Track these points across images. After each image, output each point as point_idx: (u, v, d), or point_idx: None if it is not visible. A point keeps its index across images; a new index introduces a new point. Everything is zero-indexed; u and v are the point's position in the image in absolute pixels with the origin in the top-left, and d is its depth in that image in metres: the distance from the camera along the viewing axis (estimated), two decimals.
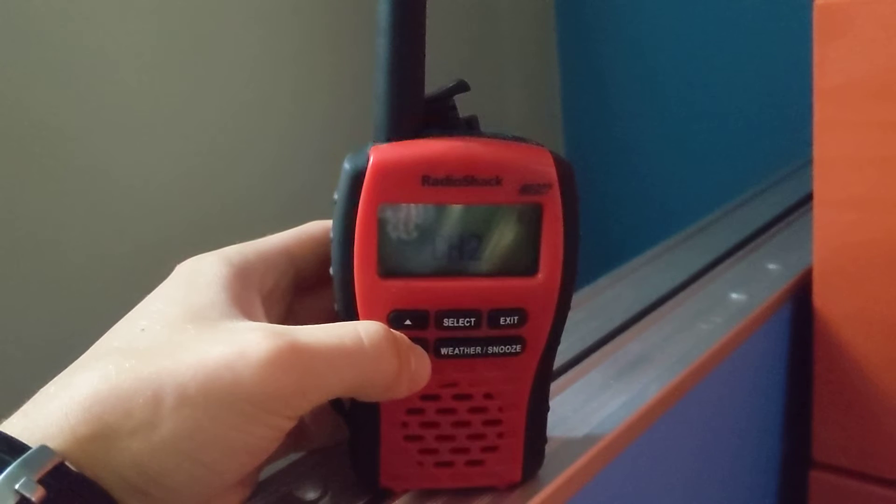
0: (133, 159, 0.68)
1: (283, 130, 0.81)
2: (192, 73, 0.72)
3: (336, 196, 0.28)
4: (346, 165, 0.27)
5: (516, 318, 0.29)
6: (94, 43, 0.65)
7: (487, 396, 0.30)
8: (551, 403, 0.32)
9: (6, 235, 0.61)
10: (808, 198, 0.52)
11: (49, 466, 0.23)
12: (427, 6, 0.27)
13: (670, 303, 0.51)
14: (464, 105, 0.30)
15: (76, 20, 0.63)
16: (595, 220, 1.07)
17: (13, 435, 0.23)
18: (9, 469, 0.22)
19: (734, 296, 0.51)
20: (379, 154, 0.27)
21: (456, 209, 0.28)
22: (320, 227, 0.32)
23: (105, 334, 0.28)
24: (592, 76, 1.07)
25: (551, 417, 0.33)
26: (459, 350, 0.29)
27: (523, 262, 0.29)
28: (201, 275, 0.29)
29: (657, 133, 1.03)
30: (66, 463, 0.23)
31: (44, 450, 0.23)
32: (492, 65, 1.03)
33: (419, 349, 0.28)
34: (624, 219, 1.08)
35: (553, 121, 1.12)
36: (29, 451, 0.23)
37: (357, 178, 0.27)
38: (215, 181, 0.74)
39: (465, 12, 0.98)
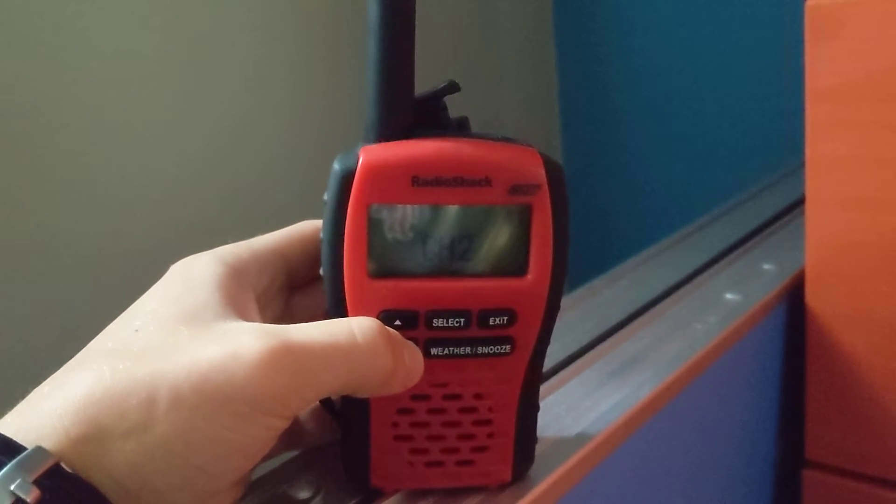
0: (129, 160, 0.68)
1: (280, 131, 0.81)
2: (188, 76, 0.72)
3: (326, 196, 0.28)
4: (336, 166, 0.27)
5: (506, 318, 0.29)
6: (92, 44, 0.65)
7: (477, 396, 0.30)
8: (545, 402, 0.32)
9: (2, 235, 0.61)
10: (804, 199, 0.52)
11: (45, 468, 0.23)
12: (418, 8, 0.27)
13: (665, 303, 0.51)
14: (461, 106, 0.29)
15: (75, 21, 0.63)
16: (591, 221, 1.07)
17: (8, 435, 0.23)
18: (4, 470, 0.22)
19: (729, 296, 0.51)
20: (368, 154, 0.27)
21: (445, 210, 0.28)
22: (311, 226, 0.32)
23: (99, 335, 0.28)
24: (590, 77, 1.08)
25: (545, 416, 0.33)
26: (449, 350, 0.29)
27: (513, 262, 0.29)
28: (195, 275, 0.29)
29: (653, 134, 1.03)
30: (62, 464, 0.23)
31: (39, 451, 0.23)
32: (490, 66, 1.03)
33: (412, 345, 0.29)
34: (620, 219, 1.08)
35: (550, 121, 1.12)
36: (24, 452, 0.23)
37: (347, 179, 0.27)
38: (211, 181, 0.74)
39: (463, 13, 0.98)
